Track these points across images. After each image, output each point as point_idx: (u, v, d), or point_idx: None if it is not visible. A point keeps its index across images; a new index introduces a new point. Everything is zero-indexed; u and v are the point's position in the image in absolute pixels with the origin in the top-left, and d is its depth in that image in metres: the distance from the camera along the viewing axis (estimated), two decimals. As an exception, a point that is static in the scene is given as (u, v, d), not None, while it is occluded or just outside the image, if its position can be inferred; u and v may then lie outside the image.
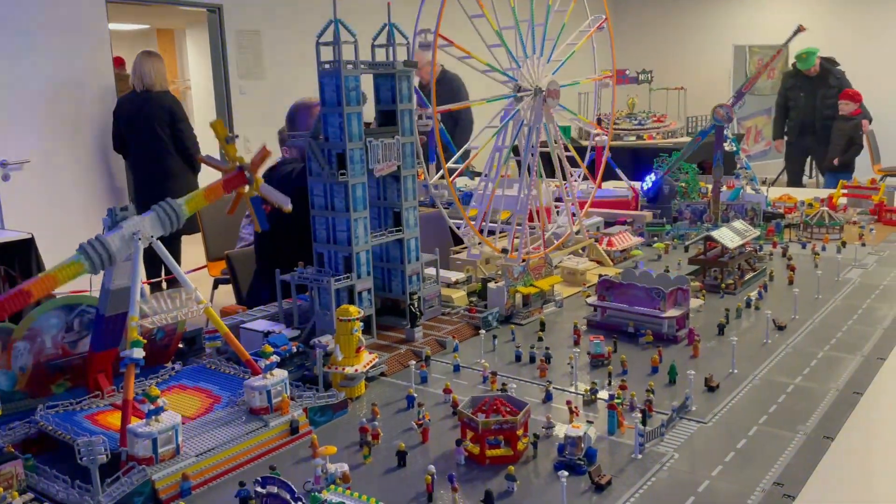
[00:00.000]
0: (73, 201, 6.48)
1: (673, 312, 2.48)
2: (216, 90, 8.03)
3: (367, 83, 2.46)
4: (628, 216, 4.21)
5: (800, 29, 4.02)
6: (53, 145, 6.45)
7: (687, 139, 10.96)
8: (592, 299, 2.65)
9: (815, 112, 9.43)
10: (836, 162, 8.20)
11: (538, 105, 3.17)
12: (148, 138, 6.62)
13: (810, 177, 10.51)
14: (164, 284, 7.13)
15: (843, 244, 3.69)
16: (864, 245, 3.71)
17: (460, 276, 3.00)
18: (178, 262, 7.16)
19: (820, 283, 3.01)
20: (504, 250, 3.13)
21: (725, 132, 4.15)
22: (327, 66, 2.31)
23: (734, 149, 4.22)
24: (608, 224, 4.10)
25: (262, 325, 2.38)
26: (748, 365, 2.23)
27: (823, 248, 3.65)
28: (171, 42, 14.02)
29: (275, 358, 1.85)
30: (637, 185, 4.82)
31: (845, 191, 4.72)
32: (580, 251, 3.51)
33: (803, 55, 9.12)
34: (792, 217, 4.10)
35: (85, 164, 6.74)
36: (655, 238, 3.91)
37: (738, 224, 3.28)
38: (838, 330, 2.53)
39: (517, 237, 3.06)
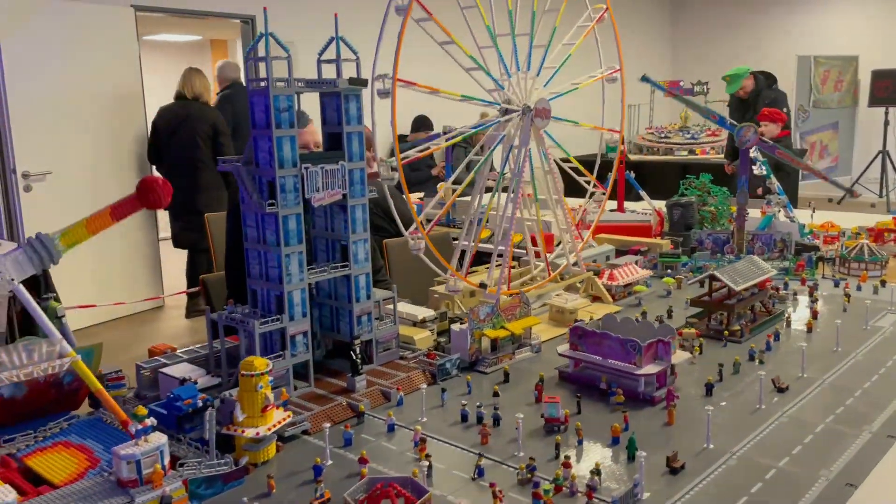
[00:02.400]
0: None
1: (650, 369, 2.15)
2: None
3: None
4: (644, 244, 3.86)
5: None
6: (77, 158, 6.42)
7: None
8: (564, 348, 2.34)
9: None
10: (759, 191, 7.33)
11: (526, 125, 2.87)
12: (187, 147, 6.67)
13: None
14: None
15: (883, 283, 3.27)
16: (906, 284, 3.28)
17: (430, 313, 2.72)
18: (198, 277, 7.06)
19: (843, 331, 2.62)
20: (482, 285, 2.84)
21: (754, 154, 3.77)
22: (258, 83, 2.07)
23: (764, 172, 3.83)
24: (620, 253, 3.77)
25: (183, 369, 2.15)
26: (729, 438, 1.89)
27: (859, 288, 3.23)
28: (223, 53, 14.14)
29: (149, 422, 1.61)
30: (661, 205, 4.45)
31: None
32: (578, 284, 3.19)
33: (727, 78, 8.27)
34: (827, 250, 3.68)
35: (115, 177, 6.71)
36: (669, 270, 3.54)
37: (755, 260, 2.92)
38: (850, 395, 2.15)
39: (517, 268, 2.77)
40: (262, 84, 2.05)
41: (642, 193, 4.62)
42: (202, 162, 6.72)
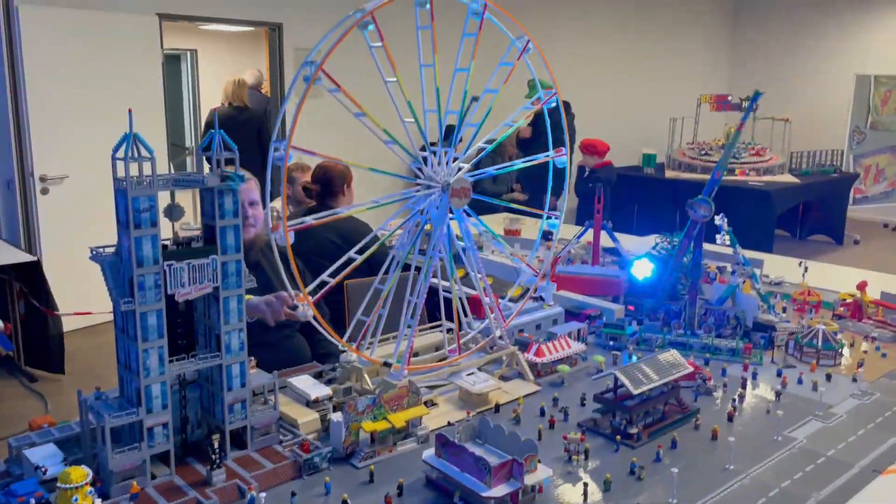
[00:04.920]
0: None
1: (500, 490, 2.10)
2: (270, 110, 8.06)
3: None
4: (598, 309, 3.76)
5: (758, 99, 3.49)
6: (95, 162, 6.60)
7: (786, 178, 10.03)
8: (430, 453, 2.31)
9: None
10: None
11: (443, 204, 2.83)
12: (238, 147, 7.04)
13: None
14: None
15: (828, 377, 3.11)
16: (854, 380, 3.11)
17: (325, 391, 2.71)
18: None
19: (748, 442, 2.52)
20: (386, 363, 2.82)
21: (720, 222, 3.64)
22: (123, 182, 2.10)
23: (728, 242, 3.67)
24: (571, 316, 3.69)
25: (43, 453, 2.21)
26: (546, 585, 1.84)
27: (800, 381, 3.08)
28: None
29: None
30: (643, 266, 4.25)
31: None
32: (503, 358, 3.14)
33: (531, 83, 7.80)
34: (784, 329, 3.50)
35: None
36: (612, 342, 3.45)
37: (675, 354, 2.81)
38: (706, 535, 2.06)
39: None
40: (123, 184, 2.07)
41: (619, 247, 4.50)
42: (249, 162, 7.13)
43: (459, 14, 2.77)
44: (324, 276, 2.67)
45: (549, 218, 3.26)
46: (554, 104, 3.11)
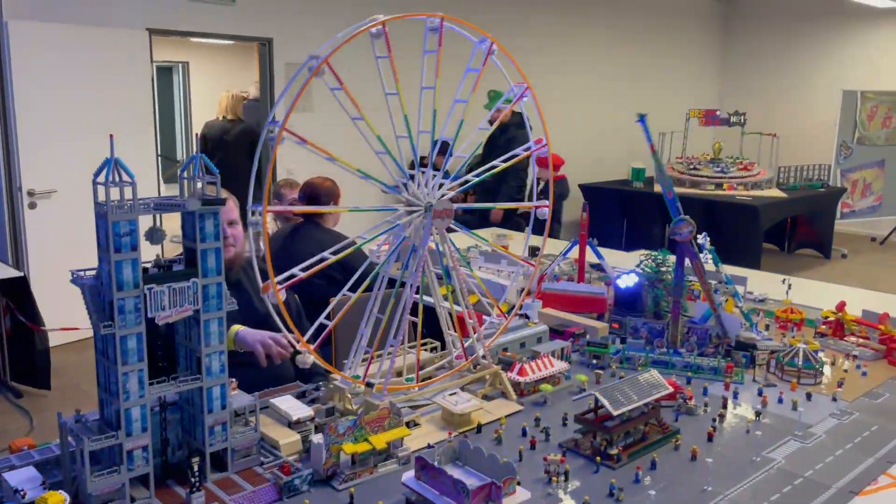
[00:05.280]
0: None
1: (478, 513, 2.11)
2: (262, 121, 8.08)
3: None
4: (581, 326, 3.77)
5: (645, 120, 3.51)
6: (83, 177, 6.61)
7: (774, 193, 10.09)
8: (408, 476, 2.32)
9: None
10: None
11: (427, 225, 2.85)
12: (230, 159, 7.35)
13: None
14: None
15: (808, 396, 3.14)
16: (834, 399, 3.13)
17: (307, 412, 2.71)
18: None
19: (726, 463, 2.54)
20: (369, 384, 2.83)
21: (702, 241, 3.67)
22: (103, 207, 2.11)
23: (710, 260, 3.70)
24: (556, 334, 3.70)
25: (23, 476, 2.21)
26: None
27: (780, 400, 3.10)
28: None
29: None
30: (628, 279, 4.29)
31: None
32: (487, 377, 3.15)
33: (491, 93, 7.47)
34: (765, 348, 3.52)
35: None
36: (595, 360, 3.46)
37: (654, 375, 2.83)
38: (683, 557, 2.08)
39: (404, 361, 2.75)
40: (103, 209, 2.08)
41: (604, 264, 4.52)
42: (239, 174, 7.16)
43: (420, 34, 2.80)
44: (321, 319, 2.69)
45: (537, 209, 3.27)
46: (527, 98, 3.12)
